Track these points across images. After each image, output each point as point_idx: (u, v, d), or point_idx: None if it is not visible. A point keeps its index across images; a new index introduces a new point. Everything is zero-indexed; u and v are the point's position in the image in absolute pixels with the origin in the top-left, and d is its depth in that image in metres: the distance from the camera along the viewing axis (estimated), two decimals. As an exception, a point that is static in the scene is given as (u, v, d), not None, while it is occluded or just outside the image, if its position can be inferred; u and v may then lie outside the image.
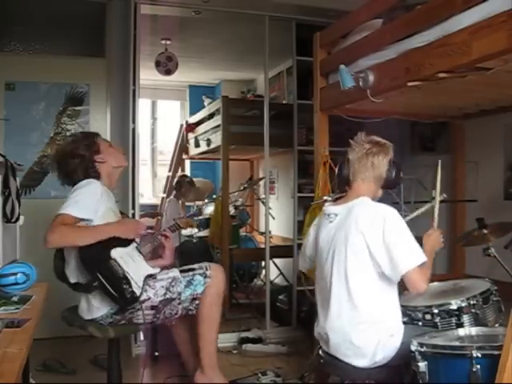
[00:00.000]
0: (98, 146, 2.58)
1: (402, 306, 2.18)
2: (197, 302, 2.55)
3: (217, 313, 2.59)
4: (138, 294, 2.40)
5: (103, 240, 2.36)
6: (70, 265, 2.47)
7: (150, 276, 2.53)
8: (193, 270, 2.61)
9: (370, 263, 2.02)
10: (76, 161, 2.51)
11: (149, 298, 2.47)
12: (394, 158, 2.21)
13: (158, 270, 2.62)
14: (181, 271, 2.60)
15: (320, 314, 2.22)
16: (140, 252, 2.60)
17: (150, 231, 2.89)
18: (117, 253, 2.43)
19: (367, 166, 2.16)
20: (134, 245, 2.58)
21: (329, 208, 2.25)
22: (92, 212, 2.38)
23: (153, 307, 2.48)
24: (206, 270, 2.59)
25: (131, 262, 2.48)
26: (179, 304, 2.53)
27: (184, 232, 5.47)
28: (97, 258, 2.36)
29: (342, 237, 2.09)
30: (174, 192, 5.55)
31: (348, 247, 2.05)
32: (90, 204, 2.39)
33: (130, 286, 2.38)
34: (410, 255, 1.97)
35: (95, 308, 2.46)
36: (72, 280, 2.45)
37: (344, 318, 2.06)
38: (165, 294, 2.49)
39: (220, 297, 2.60)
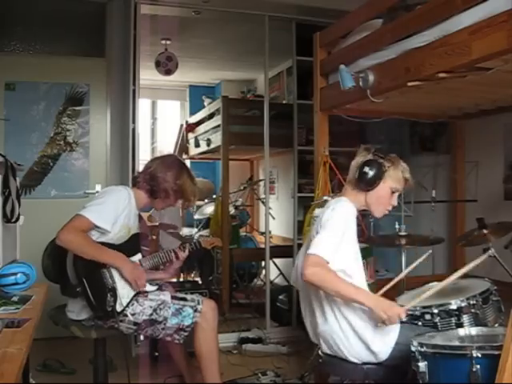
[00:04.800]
0: (173, 191, 2.59)
1: (401, 306, 2.18)
2: (183, 333, 2.51)
3: (214, 348, 2.58)
4: (118, 310, 2.39)
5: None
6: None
7: (142, 293, 2.52)
8: (185, 299, 2.59)
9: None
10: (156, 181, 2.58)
11: (133, 314, 2.46)
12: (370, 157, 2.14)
13: (154, 288, 2.60)
14: (172, 297, 2.59)
15: (308, 321, 2.20)
16: (142, 265, 2.58)
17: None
18: (108, 272, 2.43)
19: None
20: (137, 257, 2.58)
21: (316, 211, 2.31)
22: (110, 223, 2.41)
23: (135, 323, 2.48)
24: (198, 304, 2.56)
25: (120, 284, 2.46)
26: (163, 329, 2.50)
27: (183, 232, 5.48)
28: (89, 264, 2.36)
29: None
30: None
31: None
32: (111, 214, 2.41)
33: (114, 301, 2.38)
34: (320, 244, 1.93)
35: (80, 310, 2.46)
36: (71, 279, 2.44)
37: (331, 318, 2.05)
38: (151, 314, 2.48)
39: (214, 332, 2.59)
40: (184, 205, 2.75)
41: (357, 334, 2.02)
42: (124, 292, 2.44)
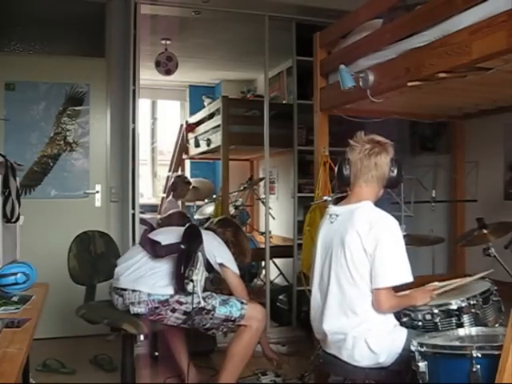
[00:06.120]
0: (232, 244, 2.94)
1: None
2: (230, 325, 2.59)
3: (249, 354, 2.64)
4: (188, 288, 2.45)
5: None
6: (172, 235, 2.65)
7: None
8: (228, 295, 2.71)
9: (367, 264, 2.02)
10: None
11: (186, 302, 2.52)
12: (395, 156, 2.20)
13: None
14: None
15: (318, 314, 2.21)
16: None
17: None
18: (201, 259, 2.55)
19: (370, 167, 2.13)
20: (205, 273, 2.65)
21: (332, 208, 2.27)
22: None
23: (185, 313, 2.54)
24: (242, 299, 2.66)
25: (201, 274, 2.56)
26: (211, 319, 2.57)
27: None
28: (194, 240, 2.53)
29: (339, 237, 2.10)
30: (172, 192, 5.57)
31: (346, 248, 2.05)
32: None
33: (189, 277, 2.45)
34: (389, 274, 1.99)
35: (162, 285, 2.53)
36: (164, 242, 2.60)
37: (343, 319, 2.06)
38: (199, 302, 2.52)
39: (258, 338, 2.67)
40: (241, 260, 3.00)
41: (366, 341, 2.02)
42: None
